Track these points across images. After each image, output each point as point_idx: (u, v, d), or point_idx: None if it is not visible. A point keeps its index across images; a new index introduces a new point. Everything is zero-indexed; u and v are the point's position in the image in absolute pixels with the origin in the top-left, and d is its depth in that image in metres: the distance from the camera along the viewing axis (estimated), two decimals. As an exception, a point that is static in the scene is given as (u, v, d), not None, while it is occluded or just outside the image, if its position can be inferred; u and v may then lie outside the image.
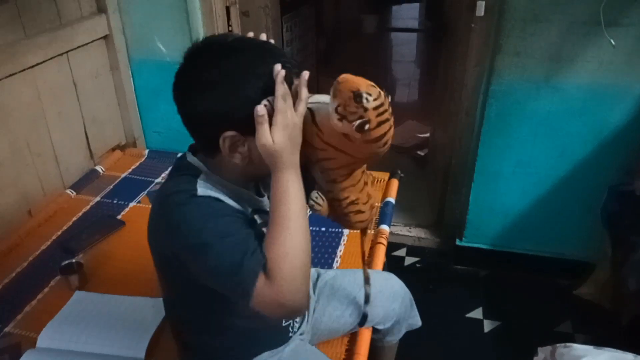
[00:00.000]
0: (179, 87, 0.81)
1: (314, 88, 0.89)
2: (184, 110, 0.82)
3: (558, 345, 0.83)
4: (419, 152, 2.86)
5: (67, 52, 1.80)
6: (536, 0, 1.59)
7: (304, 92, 0.77)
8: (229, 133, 0.78)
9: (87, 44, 1.89)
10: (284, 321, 1.04)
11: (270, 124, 0.76)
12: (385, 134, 0.79)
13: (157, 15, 1.98)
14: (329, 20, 4.83)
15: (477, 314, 1.89)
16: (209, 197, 0.81)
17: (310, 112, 0.83)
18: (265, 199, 0.94)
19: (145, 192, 1.86)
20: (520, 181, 1.90)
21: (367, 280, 1.16)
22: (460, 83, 1.91)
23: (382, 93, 0.77)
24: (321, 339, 1.20)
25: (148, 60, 2.08)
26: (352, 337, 1.21)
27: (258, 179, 0.93)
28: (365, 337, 1.18)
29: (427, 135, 2.95)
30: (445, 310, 1.91)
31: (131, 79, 2.13)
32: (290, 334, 1.08)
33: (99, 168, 1.99)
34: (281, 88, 0.74)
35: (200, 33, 1.97)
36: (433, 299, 1.94)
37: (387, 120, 0.78)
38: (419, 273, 2.11)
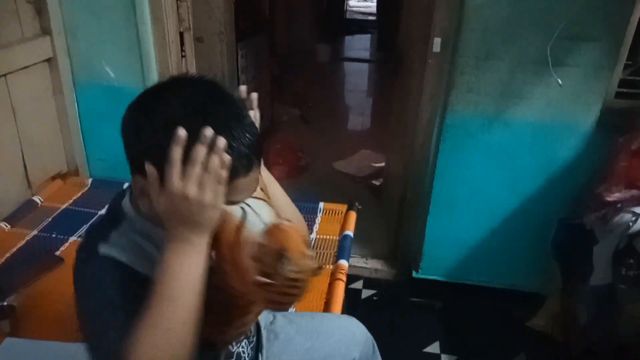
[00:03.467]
0: (133, 105, 0.73)
1: (268, 116, 0.81)
2: (122, 130, 0.73)
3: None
4: (374, 182, 2.86)
5: (5, 74, 1.68)
6: (488, 39, 1.65)
7: (213, 162, 0.64)
8: (140, 179, 0.70)
9: (28, 66, 1.77)
10: None
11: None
12: (282, 303, 0.71)
13: (106, 38, 1.90)
14: (284, 49, 4.86)
15: (434, 348, 1.87)
16: (108, 258, 0.74)
17: (243, 217, 0.72)
18: None
19: (88, 225, 1.74)
20: (473, 213, 1.93)
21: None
22: (415, 116, 1.93)
23: (312, 269, 0.69)
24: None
25: (94, 84, 1.99)
26: (312, 384, 1.14)
27: None
28: (325, 384, 1.13)
29: (382, 164, 2.97)
30: (403, 345, 1.88)
31: (75, 103, 2.02)
32: None
33: (36, 198, 1.84)
34: (174, 152, 0.64)
35: (152, 58, 1.91)
36: (391, 333, 1.91)
37: (294, 295, 0.70)
38: (376, 306, 2.08)
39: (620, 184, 1.53)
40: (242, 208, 0.73)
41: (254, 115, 0.74)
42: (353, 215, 1.76)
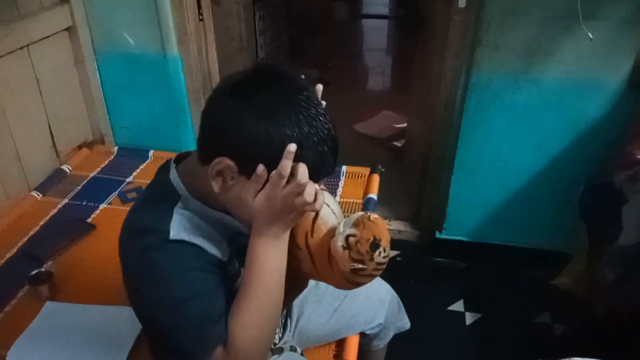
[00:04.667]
0: (231, 90, 0.71)
1: None
2: (217, 110, 0.73)
3: (561, 360, 0.82)
4: (395, 143, 2.84)
5: (27, 45, 1.69)
6: (516, -7, 1.58)
7: (307, 190, 0.69)
8: (227, 161, 0.70)
9: (49, 36, 1.77)
10: None
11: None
12: (363, 283, 0.80)
13: (124, 5, 1.88)
14: (300, 8, 4.74)
15: (458, 306, 1.90)
16: (182, 242, 0.74)
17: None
18: None
19: (116, 192, 1.78)
20: (498, 174, 1.90)
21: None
22: (439, 76, 1.89)
23: (389, 255, 0.78)
24: (308, 345, 1.18)
25: (114, 52, 1.98)
26: (340, 343, 1.18)
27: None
28: (353, 343, 1.17)
29: (404, 125, 2.94)
30: (427, 304, 1.91)
31: (97, 72, 2.03)
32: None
33: (65, 167, 1.89)
34: (285, 163, 0.67)
35: (170, 23, 1.88)
36: (414, 293, 1.94)
37: (375, 276, 0.79)
38: (399, 267, 2.11)
39: (652, 142, 1.48)
40: None
41: (310, 193, 0.71)
42: (376, 178, 1.75)
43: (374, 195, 1.66)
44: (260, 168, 0.69)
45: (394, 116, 3.16)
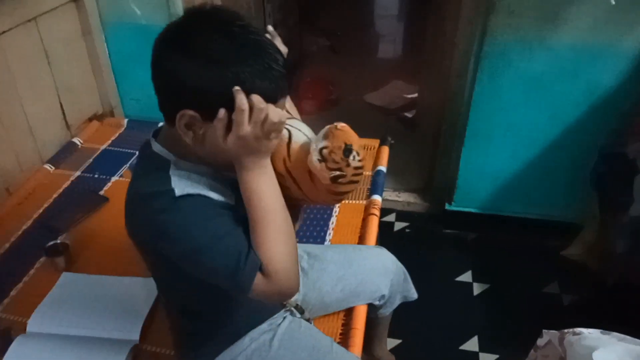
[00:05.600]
0: (168, 44, 0.74)
1: (296, 47, 0.85)
2: (161, 68, 0.75)
3: (566, 330, 0.82)
4: (406, 114, 2.81)
5: (35, 17, 1.68)
6: (531, -43, 1.52)
7: (270, 112, 0.73)
8: (189, 112, 0.73)
9: (56, 7, 1.76)
10: None
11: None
12: (347, 192, 0.85)
13: (130, -26, 1.86)
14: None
15: (466, 277, 1.91)
16: (189, 195, 0.77)
17: (289, 135, 0.84)
18: None
19: (127, 165, 1.80)
20: (510, 144, 1.88)
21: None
22: (451, 43, 1.85)
23: (365, 157, 0.82)
24: (314, 314, 1.19)
25: (122, 23, 1.97)
26: (348, 312, 1.20)
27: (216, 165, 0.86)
28: (361, 312, 1.18)
29: (414, 95, 2.90)
30: (435, 275, 1.92)
31: (105, 43, 2.02)
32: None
33: (76, 140, 1.90)
34: (239, 99, 0.70)
35: (177, -8, 1.86)
36: (423, 264, 1.95)
37: (357, 182, 0.83)
38: (408, 238, 2.12)
39: (669, 111, 1.45)
40: (286, 128, 0.84)
41: (270, 113, 0.74)
42: (386, 150, 1.74)
43: (383, 167, 1.66)
44: (222, 112, 0.71)
45: (404, 86, 3.11)
